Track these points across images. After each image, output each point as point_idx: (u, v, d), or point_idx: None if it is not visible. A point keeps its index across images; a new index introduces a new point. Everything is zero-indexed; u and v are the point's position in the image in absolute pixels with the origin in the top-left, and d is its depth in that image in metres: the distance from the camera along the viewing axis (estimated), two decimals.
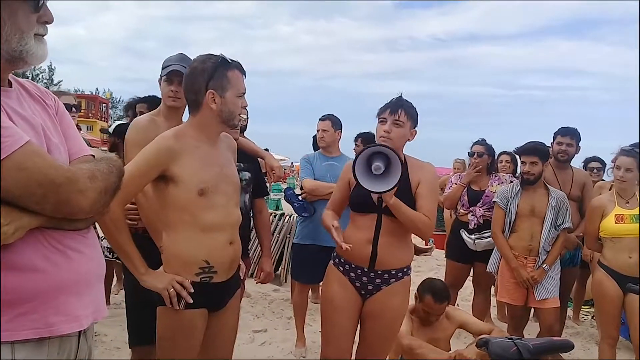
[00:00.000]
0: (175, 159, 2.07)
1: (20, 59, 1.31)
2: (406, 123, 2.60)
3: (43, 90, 1.51)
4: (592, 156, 5.52)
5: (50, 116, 1.45)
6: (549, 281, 3.80)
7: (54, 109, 1.48)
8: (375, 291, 2.65)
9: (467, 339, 4.10)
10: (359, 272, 2.64)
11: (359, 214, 2.66)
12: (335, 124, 4.28)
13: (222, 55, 2.15)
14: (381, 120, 2.63)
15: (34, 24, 1.32)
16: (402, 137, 2.62)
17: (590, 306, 5.58)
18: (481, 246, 4.42)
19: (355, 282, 2.66)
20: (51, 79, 42.90)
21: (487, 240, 4.38)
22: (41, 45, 1.34)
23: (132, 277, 2.15)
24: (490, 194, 4.45)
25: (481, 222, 4.46)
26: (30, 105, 1.39)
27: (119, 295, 5.14)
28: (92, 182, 1.29)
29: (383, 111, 2.64)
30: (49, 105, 1.47)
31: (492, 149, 4.64)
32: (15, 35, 1.27)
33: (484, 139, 4.68)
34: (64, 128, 1.48)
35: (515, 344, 1.93)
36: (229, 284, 2.23)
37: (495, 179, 4.57)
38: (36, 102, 1.43)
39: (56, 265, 1.30)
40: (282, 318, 5.13)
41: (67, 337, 1.35)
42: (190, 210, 2.09)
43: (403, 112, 2.59)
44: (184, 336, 2.13)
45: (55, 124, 1.45)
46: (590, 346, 4.77)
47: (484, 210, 4.46)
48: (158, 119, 2.69)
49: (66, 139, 1.46)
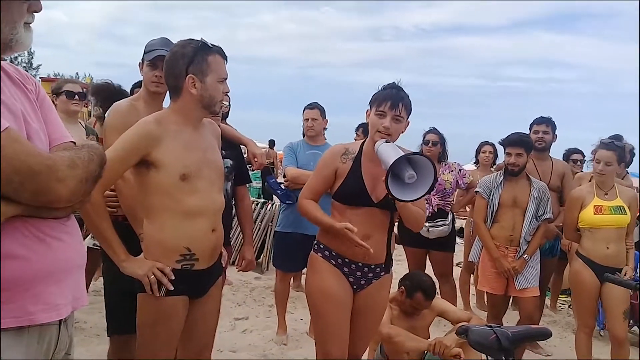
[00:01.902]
0: (157, 144, 2.04)
1: (9, 47, 1.30)
2: (405, 117, 2.51)
3: (24, 74, 1.47)
4: (574, 148, 5.58)
5: (30, 101, 1.41)
6: (529, 271, 3.86)
7: (35, 94, 1.45)
8: (367, 285, 2.61)
9: (446, 327, 4.14)
10: (352, 266, 2.57)
11: (349, 207, 2.54)
12: (322, 113, 4.29)
13: (202, 39, 2.12)
14: (379, 113, 2.48)
15: (25, 13, 1.31)
16: (399, 132, 2.52)
17: (567, 295, 5.68)
18: (434, 234, 4.47)
19: (348, 276, 2.59)
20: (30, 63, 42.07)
21: (440, 229, 4.46)
22: (28, 33, 1.34)
23: (111, 264, 2.12)
24: (442, 182, 4.53)
25: (435, 210, 4.51)
26: (11, 90, 1.36)
27: (98, 282, 5.09)
28: (71, 170, 1.27)
29: (382, 103, 2.47)
30: (30, 90, 1.44)
31: (444, 138, 4.69)
32: (7, 26, 1.27)
33: (436, 127, 4.71)
34: (45, 113, 1.45)
35: (495, 331, 1.94)
36: (210, 272, 2.22)
37: (446, 167, 4.64)
38: (17, 86, 1.40)
39: (35, 253, 1.27)
40: (263, 306, 5.14)
41: (47, 325, 1.33)
42: (172, 195, 2.06)
43: (403, 107, 2.47)
44: (165, 323, 2.11)
45: (35, 109, 1.41)
46: (567, 334, 4.86)
47: (438, 199, 4.52)
48: (138, 103, 2.64)
49: (46, 124, 1.43)
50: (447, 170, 4.63)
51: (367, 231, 2.49)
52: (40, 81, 17.56)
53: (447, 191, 4.57)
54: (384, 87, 2.55)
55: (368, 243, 2.43)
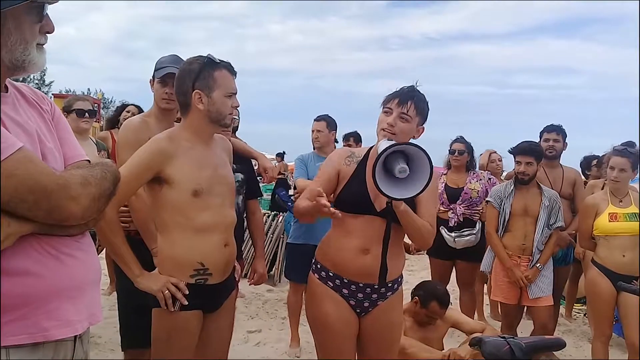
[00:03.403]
0: (169, 160, 2.07)
1: (22, 68, 1.33)
2: (414, 118, 2.27)
3: (39, 95, 1.51)
4: (592, 155, 5.54)
5: (45, 121, 1.45)
6: (542, 280, 3.83)
7: (50, 114, 1.49)
8: (372, 308, 2.36)
9: (460, 337, 4.11)
10: (352, 287, 2.32)
11: (350, 214, 2.29)
12: (330, 125, 4.31)
13: (209, 55, 2.15)
14: (386, 110, 2.29)
15: (37, 34, 1.34)
16: (407, 134, 2.27)
17: (582, 304, 5.62)
18: (461, 244, 4.45)
19: (349, 299, 2.34)
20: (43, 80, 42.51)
21: (466, 238, 4.43)
22: (42, 54, 1.36)
23: (126, 279, 2.15)
24: (469, 191, 4.50)
25: (461, 219, 4.49)
26: (26, 111, 1.39)
27: (112, 297, 5.12)
28: (84, 188, 1.29)
29: (390, 100, 2.29)
30: (45, 110, 1.47)
31: (471, 146, 4.68)
32: (20, 46, 1.30)
33: (462, 136, 4.71)
34: (60, 133, 1.48)
35: (508, 342, 1.93)
36: (223, 286, 2.24)
37: (474, 176, 4.62)
38: (32, 106, 1.43)
39: (49, 270, 1.29)
40: (276, 318, 5.13)
41: (62, 341, 1.34)
42: (184, 212, 2.09)
43: (412, 106, 2.25)
44: (179, 338, 2.13)
45: (50, 129, 1.45)
46: (583, 344, 4.80)
47: (463, 208, 4.50)
48: (150, 120, 2.68)
49: (62, 143, 1.46)
50: (475, 178, 4.60)
51: (366, 245, 2.28)
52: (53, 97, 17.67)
53: (474, 200, 4.49)
54: (400, 88, 2.35)
55: (367, 258, 2.27)
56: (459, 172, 4.66)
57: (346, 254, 2.31)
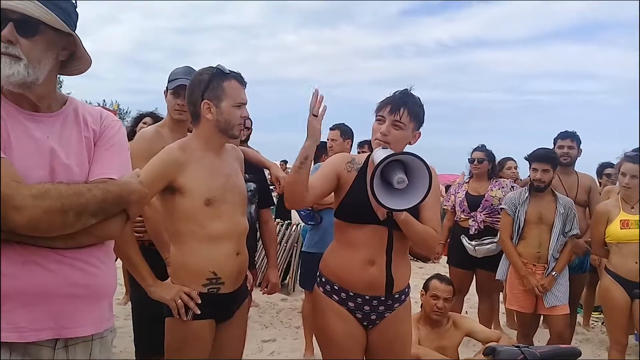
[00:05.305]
0: (182, 170, 2.10)
1: None
2: (408, 125, 2.19)
3: (96, 117, 1.58)
4: (607, 162, 5.49)
5: (80, 140, 1.51)
6: (558, 288, 3.79)
7: (97, 133, 1.56)
8: (379, 320, 2.30)
9: (475, 347, 4.08)
10: (359, 300, 2.25)
11: (352, 225, 2.25)
12: (344, 133, 4.32)
13: (218, 66, 2.18)
14: (378, 119, 2.22)
15: None
16: (401, 141, 2.21)
17: (600, 312, 5.54)
18: (481, 252, 4.42)
19: (355, 312, 2.27)
20: None
21: (487, 247, 4.40)
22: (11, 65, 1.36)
23: (140, 288, 2.17)
24: (490, 199, 4.48)
25: (482, 227, 4.46)
26: (64, 129, 1.49)
27: (127, 307, 5.15)
28: (36, 200, 1.30)
29: (382, 107, 2.22)
30: (91, 129, 1.54)
31: (492, 155, 4.66)
32: None
33: (484, 144, 4.70)
34: (100, 150, 1.54)
35: (523, 352, 1.93)
36: (236, 295, 2.25)
37: (496, 184, 4.59)
38: (76, 125, 1.52)
39: (11, 274, 1.33)
40: (290, 327, 5.13)
41: (34, 344, 1.38)
42: (197, 220, 2.11)
43: (406, 112, 2.17)
44: (192, 347, 2.14)
45: (82, 147, 1.50)
46: (601, 352, 4.73)
47: (484, 216, 4.47)
48: (163, 130, 2.72)
49: (96, 160, 1.52)
50: (496, 186, 4.57)
51: (371, 256, 2.22)
52: None
53: (496, 207, 4.43)
54: (392, 93, 2.27)
55: (372, 270, 2.21)
56: (480, 180, 4.65)
57: (351, 267, 2.25)
